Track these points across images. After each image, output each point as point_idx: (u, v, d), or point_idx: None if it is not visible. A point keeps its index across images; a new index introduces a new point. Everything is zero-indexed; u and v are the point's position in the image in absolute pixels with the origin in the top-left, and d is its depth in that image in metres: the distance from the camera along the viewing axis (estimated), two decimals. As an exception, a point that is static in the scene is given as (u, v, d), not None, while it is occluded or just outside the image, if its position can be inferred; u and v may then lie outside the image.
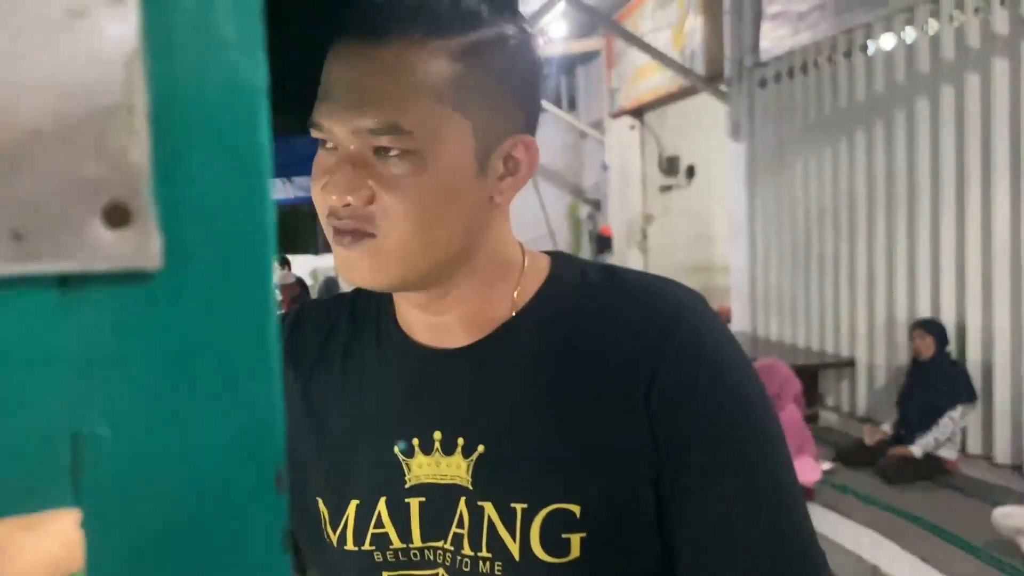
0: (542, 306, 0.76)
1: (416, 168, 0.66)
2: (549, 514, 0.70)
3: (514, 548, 0.71)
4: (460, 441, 0.74)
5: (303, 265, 9.62)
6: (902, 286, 5.37)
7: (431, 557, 0.75)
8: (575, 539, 0.70)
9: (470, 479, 0.73)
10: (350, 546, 0.77)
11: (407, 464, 0.76)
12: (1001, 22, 4.56)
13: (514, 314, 0.76)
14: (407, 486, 0.76)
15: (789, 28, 6.00)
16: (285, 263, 8.73)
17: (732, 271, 7.41)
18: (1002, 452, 4.66)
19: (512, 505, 0.71)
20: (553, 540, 0.70)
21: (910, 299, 5.31)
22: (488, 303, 0.76)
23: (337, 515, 0.79)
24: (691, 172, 9.58)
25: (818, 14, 5.78)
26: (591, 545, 0.70)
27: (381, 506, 0.76)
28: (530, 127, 0.74)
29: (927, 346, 4.68)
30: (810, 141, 6.25)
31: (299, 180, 8.74)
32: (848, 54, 5.73)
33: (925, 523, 3.83)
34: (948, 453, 4.56)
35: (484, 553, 0.72)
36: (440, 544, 0.75)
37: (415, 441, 0.76)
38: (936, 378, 4.59)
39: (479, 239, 0.73)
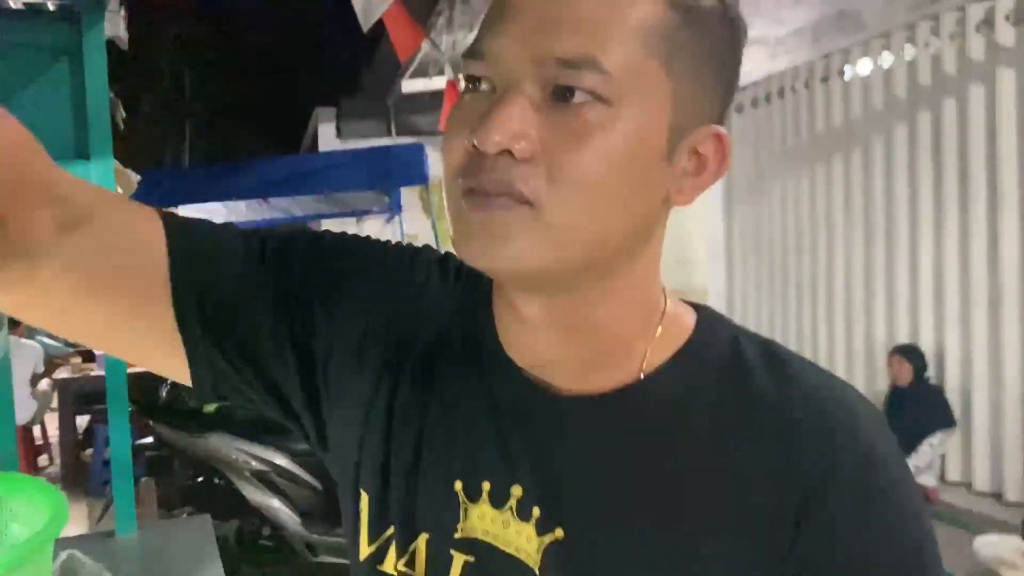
0: (680, 375, 0.60)
1: (603, 122, 0.52)
2: None
3: None
4: (536, 511, 0.59)
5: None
6: (880, 312, 5.35)
7: None
8: None
9: (539, 562, 0.58)
10: (381, 568, 0.63)
11: (466, 509, 0.61)
12: (977, 48, 4.58)
13: (642, 376, 0.60)
14: (456, 536, 0.61)
15: (766, 53, 6.01)
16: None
17: (710, 296, 7.38)
18: (981, 480, 4.62)
19: None
20: None
21: (888, 324, 5.29)
22: (621, 342, 0.60)
23: (378, 525, 0.64)
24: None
25: (796, 39, 5.80)
26: None
27: (420, 542, 0.62)
28: (722, 120, 0.59)
29: (905, 372, 4.66)
30: (788, 166, 6.25)
31: (275, 201, 8.70)
32: (825, 79, 5.74)
33: None
34: (927, 480, 4.52)
35: None
36: None
37: (485, 485, 0.61)
38: (914, 404, 4.57)
39: (640, 245, 0.58)
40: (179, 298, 0.63)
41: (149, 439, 4.22)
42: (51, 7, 1.57)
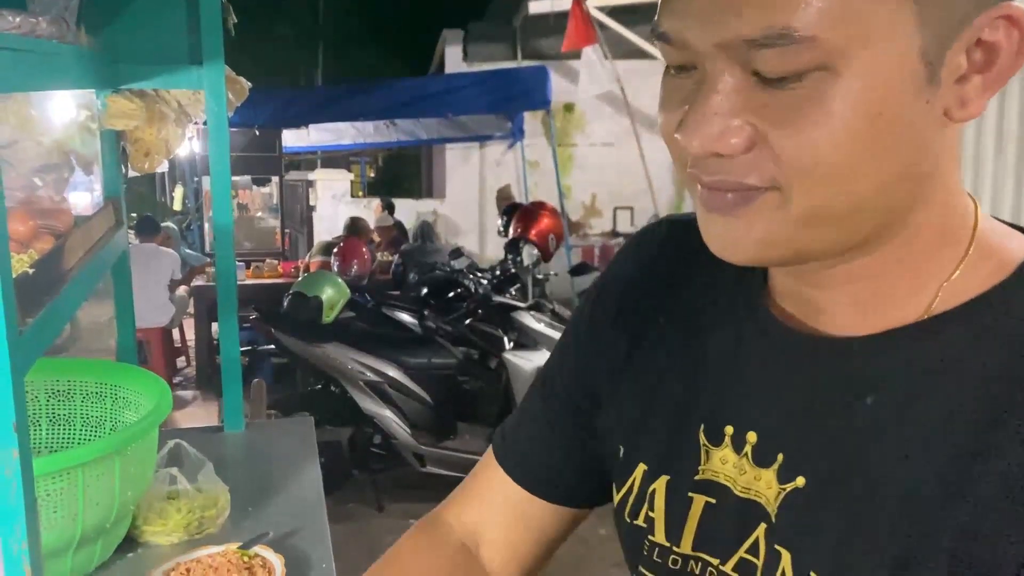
0: (975, 320, 0.51)
1: (823, 92, 0.45)
2: None
3: None
4: (779, 457, 0.56)
5: (406, 210, 9.67)
6: None
7: (695, 571, 0.60)
8: None
9: (776, 509, 0.56)
10: (626, 516, 0.66)
11: (707, 451, 0.61)
12: None
13: (927, 316, 0.52)
14: (696, 476, 0.61)
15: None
16: (390, 206, 8.82)
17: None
18: None
19: (812, 574, 0.53)
20: None
21: None
22: (900, 287, 0.53)
23: (624, 473, 0.67)
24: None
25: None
26: None
27: (659, 485, 0.63)
28: None
29: None
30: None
31: (402, 123, 8.83)
32: None
33: None
34: None
35: None
36: (715, 562, 0.59)
37: (728, 430, 0.60)
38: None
39: (917, 188, 0.50)
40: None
41: (272, 346, 4.43)
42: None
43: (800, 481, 0.55)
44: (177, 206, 10.38)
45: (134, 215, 7.26)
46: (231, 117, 1.70)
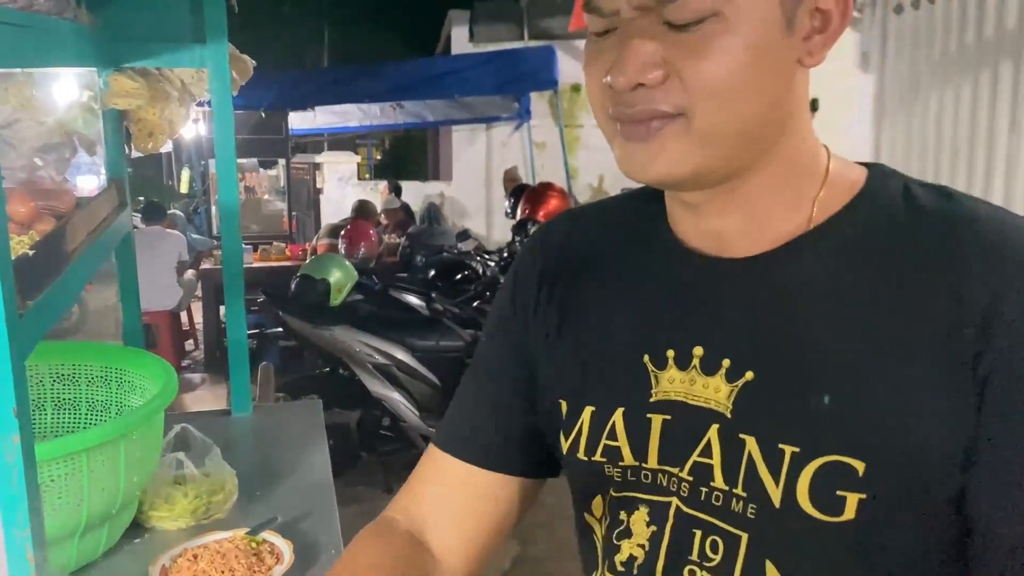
0: (850, 223, 0.65)
1: (718, 31, 0.59)
2: (824, 465, 0.61)
3: (775, 494, 0.63)
4: (725, 363, 0.67)
5: (413, 192, 9.63)
6: (1042, 235, 4.90)
7: (663, 483, 0.69)
8: (852, 499, 0.60)
9: (730, 406, 0.66)
10: (581, 455, 0.73)
11: (656, 376, 0.70)
12: None
13: (812, 227, 0.66)
14: (651, 399, 0.70)
15: (934, -53, 5.45)
16: (396, 189, 8.79)
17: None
18: None
19: (780, 446, 0.63)
20: (825, 495, 0.61)
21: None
22: (780, 208, 0.67)
23: (572, 420, 0.74)
24: (815, 105, 9.02)
25: (969, -70, 5.22)
26: (870, 509, 0.60)
27: (617, 416, 0.71)
28: None
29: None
30: (948, 73, 5.72)
31: (409, 105, 8.77)
32: (1000, -25, 5.17)
33: None
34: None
35: (739, 491, 0.65)
36: (675, 471, 0.68)
37: (670, 353, 0.70)
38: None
39: (784, 120, 0.65)
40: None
41: (280, 329, 4.42)
42: None
43: (749, 375, 0.65)
44: (184, 189, 10.37)
45: (141, 199, 7.25)
46: (236, 98, 1.67)
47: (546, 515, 3.65)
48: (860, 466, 0.60)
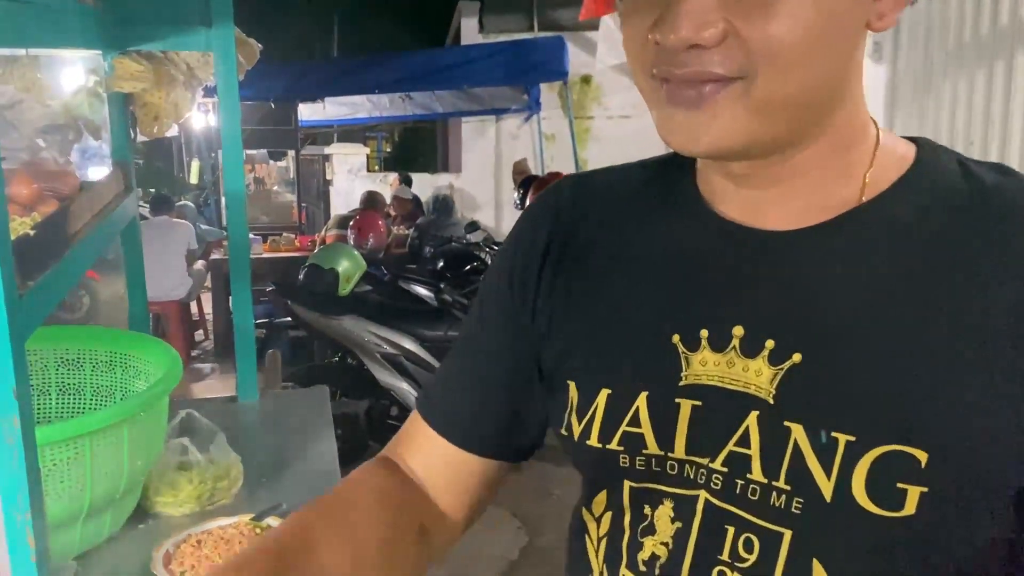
0: (904, 196, 0.61)
1: None
2: (884, 455, 0.56)
3: (826, 487, 0.57)
4: (769, 344, 0.61)
5: (422, 184, 9.62)
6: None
7: (691, 475, 0.63)
8: (913, 492, 0.55)
9: (773, 391, 0.60)
10: (593, 441, 0.67)
11: (687, 358, 0.64)
12: None
13: (864, 200, 0.61)
14: (681, 383, 0.64)
15: (949, -65, 5.38)
16: (407, 180, 8.78)
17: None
18: None
19: (834, 435, 0.57)
20: (884, 488, 0.56)
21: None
22: (830, 180, 0.62)
23: (586, 403, 0.68)
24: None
25: (984, -82, 5.15)
26: (933, 503, 0.55)
27: (641, 401, 0.65)
28: None
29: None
30: (963, 64, 5.66)
31: (418, 97, 8.74)
32: (1017, -36, 5.10)
33: None
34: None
35: (781, 484, 0.59)
36: (706, 462, 0.63)
37: (703, 333, 0.63)
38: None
39: (845, 86, 0.60)
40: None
41: (289, 319, 4.41)
42: None
43: (796, 357, 0.59)
44: (194, 180, 10.38)
45: (152, 190, 7.26)
46: (245, 89, 1.66)
47: (554, 505, 3.64)
48: (923, 456, 0.55)
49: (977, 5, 5.55)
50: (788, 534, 0.59)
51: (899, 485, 0.55)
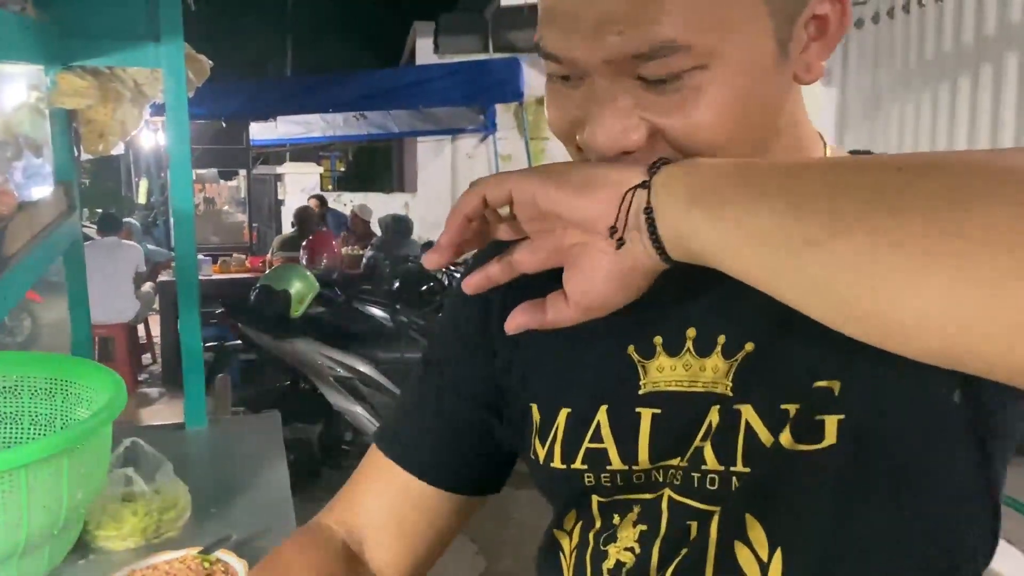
0: None
1: (703, 82, 0.53)
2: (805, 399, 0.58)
3: (768, 444, 0.58)
4: (720, 339, 0.62)
5: (377, 204, 9.55)
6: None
7: (658, 478, 0.64)
8: (831, 421, 0.57)
9: (730, 383, 0.61)
10: (557, 463, 0.67)
11: (643, 367, 0.65)
12: None
13: None
14: (640, 392, 0.64)
15: (893, -37, 5.54)
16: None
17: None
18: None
19: (783, 407, 0.58)
20: (805, 425, 0.57)
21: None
22: None
23: (547, 424, 0.68)
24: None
25: (926, -52, 5.31)
26: (852, 429, 0.56)
27: (601, 415, 0.65)
28: None
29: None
30: (909, 88, 5.82)
31: (373, 116, 8.70)
32: (957, -8, 5.26)
33: (1010, 501, 3.56)
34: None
35: (740, 467, 0.59)
36: (676, 462, 0.63)
37: (657, 339, 0.64)
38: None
39: (779, 127, 0.61)
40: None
41: (240, 341, 4.32)
42: None
43: (749, 346, 0.61)
44: (142, 200, 10.18)
45: (99, 210, 7.09)
46: (196, 108, 1.61)
47: (513, 530, 3.60)
48: (836, 385, 0.57)
49: (921, 31, 5.72)
50: (749, 516, 0.60)
51: (817, 418, 0.57)
